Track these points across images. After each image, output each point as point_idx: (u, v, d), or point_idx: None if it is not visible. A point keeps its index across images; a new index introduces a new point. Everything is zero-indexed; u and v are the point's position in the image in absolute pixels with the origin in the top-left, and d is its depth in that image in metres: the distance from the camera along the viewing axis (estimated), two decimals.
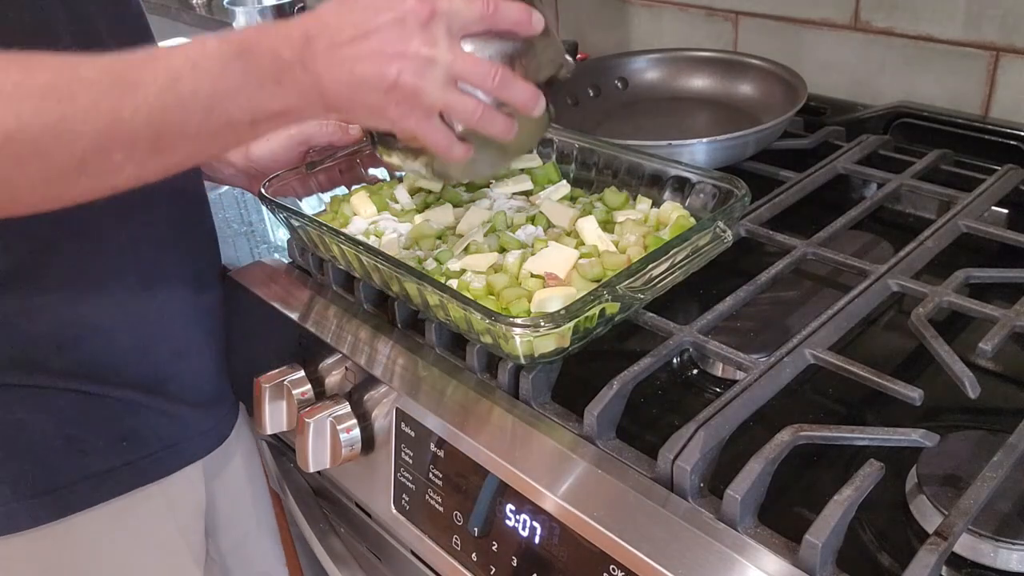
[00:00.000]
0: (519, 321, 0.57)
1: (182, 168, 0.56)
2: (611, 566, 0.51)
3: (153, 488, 0.73)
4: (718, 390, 0.64)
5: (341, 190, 0.84)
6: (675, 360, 0.68)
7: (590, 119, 1.01)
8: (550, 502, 0.55)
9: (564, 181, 0.81)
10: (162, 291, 0.72)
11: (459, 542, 0.62)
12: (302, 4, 1.57)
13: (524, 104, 0.60)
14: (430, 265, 0.70)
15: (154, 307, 0.72)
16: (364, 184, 0.85)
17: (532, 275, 0.66)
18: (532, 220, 0.74)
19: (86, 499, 0.69)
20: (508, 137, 0.61)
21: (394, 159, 0.68)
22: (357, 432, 0.70)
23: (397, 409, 0.66)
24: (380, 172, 0.87)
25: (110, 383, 0.70)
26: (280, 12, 1.55)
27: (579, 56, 1.23)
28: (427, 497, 0.64)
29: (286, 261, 0.86)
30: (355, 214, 0.79)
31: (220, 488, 0.85)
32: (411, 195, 0.82)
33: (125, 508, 0.71)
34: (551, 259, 0.67)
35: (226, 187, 1.08)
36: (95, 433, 0.69)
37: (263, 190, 0.77)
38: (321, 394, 0.76)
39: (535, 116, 0.62)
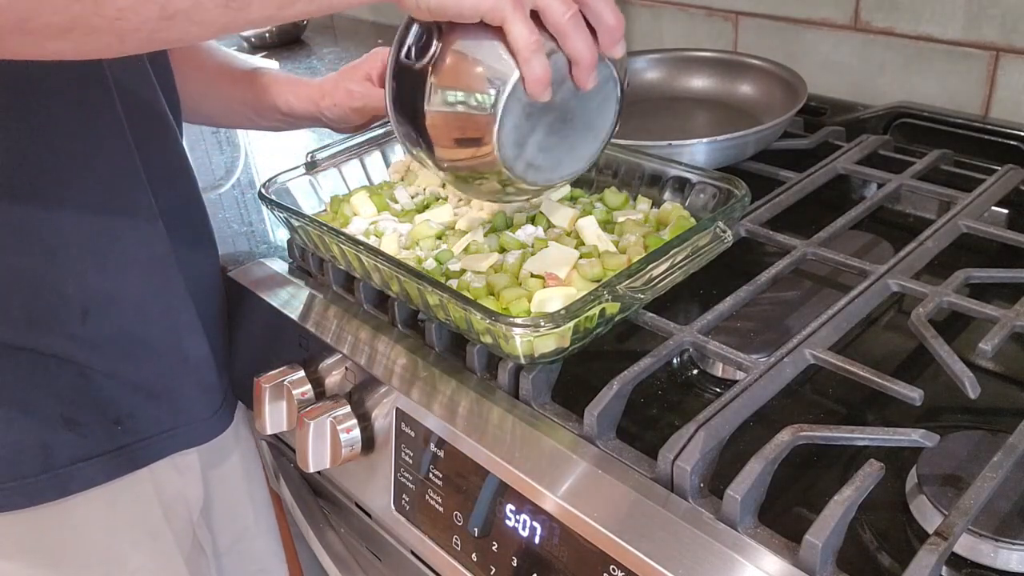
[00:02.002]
0: (519, 321, 0.57)
1: (219, 21, 0.51)
2: (611, 566, 0.51)
3: (144, 473, 0.73)
4: (718, 390, 0.64)
5: (341, 190, 0.84)
6: (675, 360, 0.68)
7: None
8: (550, 502, 0.55)
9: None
10: (179, 268, 0.73)
11: (459, 542, 0.62)
12: None
13: (611, 27, 0.57)
14: (430, 265, 0.70)
15: (176, 283, 0.72)
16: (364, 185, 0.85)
17: (532, 275, 0.66)
18: (532, 220, 0.74)
19: (82, 481, 0.69)
20: (590, 62, 0.57)
21: (414, 153, 0.64)
22: (357, 432, 0.70)
23: (397, 409, 0.66)
24: (382, 174, 0.87)
25: (125, 357, 0.70)
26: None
27: None
28: (427, 497, 0.64)
29: (286, 261, 0.86)
30: (355, 214, 0.79)
31: (217, 485, 0.85)
32: (411, 196, 0.82)
33: (115, 491, 0.72)
34: (551, 259, 0.67)
35: (226, 187, 1.09)
36: (92, 415, 0.69)
37: (263, 190, 0.77)
38: (321, 394, 0.76)
39: (616, 54, 0.59)
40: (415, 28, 0.59)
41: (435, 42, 0.58)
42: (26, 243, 0.64)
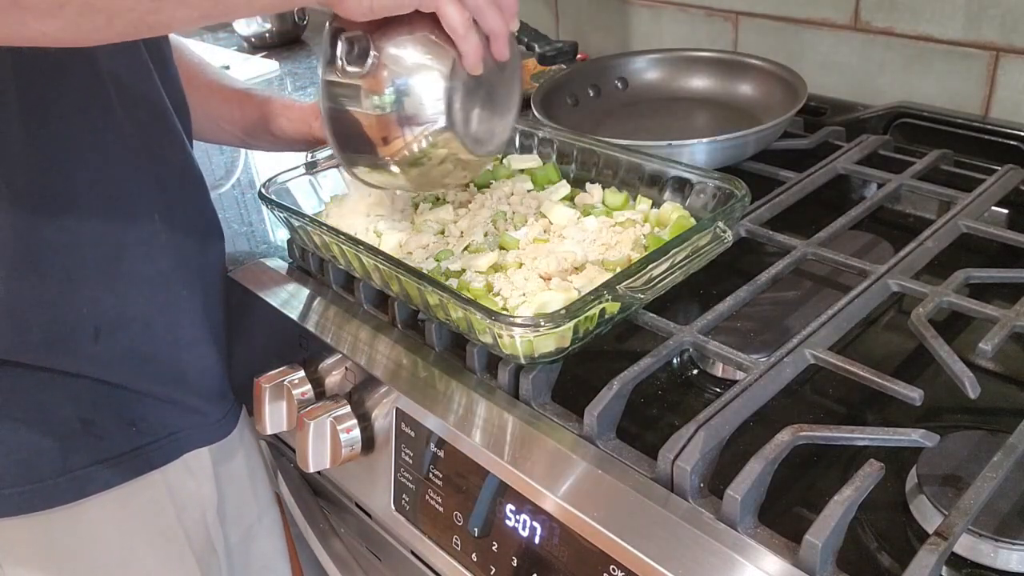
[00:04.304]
0: (519, 321, 0.57)
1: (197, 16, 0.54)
2: (611, 566, 0.51)
3: (156, 475, 0.73)
4: (718, 390, 0.64)
5: (341, 190, 0.84)
6: (675, 360, 0.68)
7: (590, 119, 1.01)
8: (550, 502, 0.55)
9: (564, 181, 0.81)
10: (184, 280, 0.73)
11: (459, 542, 0.62)
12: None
13: (509, 4, 0.63)
14: (430, 265, 0.70)
15: (180, 297, 0.73)
16: None
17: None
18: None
19: (100, 482, 0.70)
20: (505, 33, 0.63)
21: (362, 171, 0.68)
22: (357, 432, 0.70)
23: (397, 409, 0.66)
24: None
25: (134, 373, 0.71)
26: (280, 12, 1.55)
27: (579, 56, 1.23)
28: (427, 497, 0.64)
29: (286, 261, 0.86)
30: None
31: (225, 484, 0.85)
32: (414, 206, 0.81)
33: (129, 494, 0.72)
34: (552, 260, 0.67)
35: (226, 187, 1.09)
36: (108, 418, 0.70)
37: (263, 190, 0.77)
38: (321, 394, 0.76)
39: (515, 27, 0.64)
40: (341, 43, 0.63)
41: (371, 48, 0.62)
42: (45, 267, 0.65)
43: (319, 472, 0.72)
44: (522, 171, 0.83)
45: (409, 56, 0.62)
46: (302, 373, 0.76)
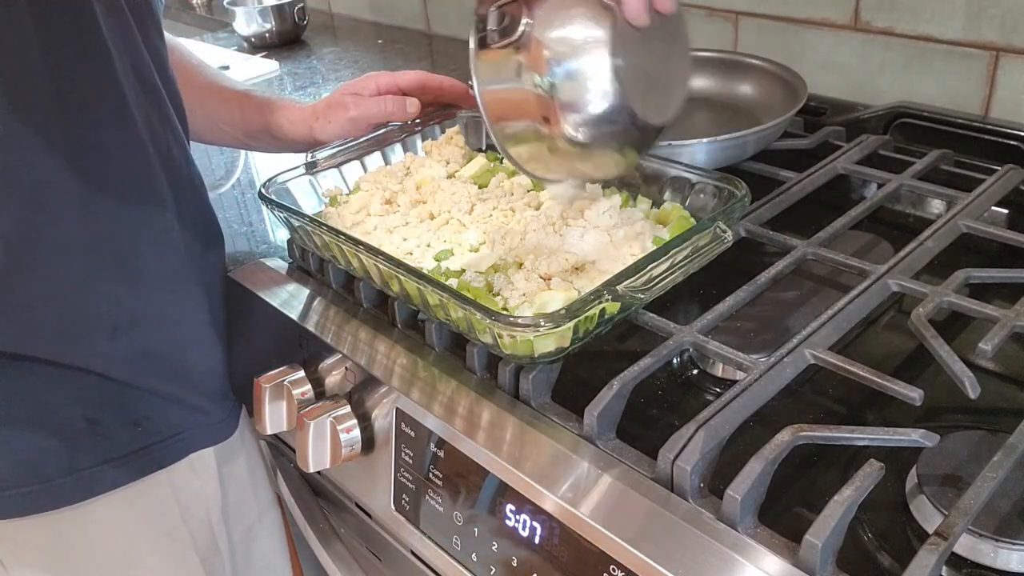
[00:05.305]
0: (519, 321, 0.57)
1: None
2: (611, 566, 0.51)
3: (162, 475, 0.73)
4: (718, 390, 0.64)
5: (342, 187, 0.84)
6: (675, 360, 0.68)
7: None
8: (550, 502, 0.55)
9: None
10: (189, 279, 0.73)
11: (459, 542, 0.62)
12: (302, 4, 1.57)
13: None
14: (430, 265, 0.70)
15: (186, 296, 0.73)
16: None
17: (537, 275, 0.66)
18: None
19: (106, 482, 0.70)
20: None
21: (522, 156, 0.62)
22: (357, 432, 0.70)
23: (397, 409, 0.66)
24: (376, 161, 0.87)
25: (142, 372, 0.71)
26: (280, 12, 1.56)
27: None
28: (427, 497, 0.64)
29: (286, 261, 0.86)
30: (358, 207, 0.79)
31: (227, 484, 0.85)
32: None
33: (136, 494, 0.72)
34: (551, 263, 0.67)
35: (226, 187, 1.09)
36: (113, 417, 0.70)
37: (263, 190, 0.77)
38: (321, 394, 0.76)
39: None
40: (492, 14, 0.58)
41: (523, 15, 0.57)
42: (60, 262, 0.65)
43: (319, 472, 0.72)
44: None
45: (565, 15, 0.58)
46: (302, 373, 0.76)
